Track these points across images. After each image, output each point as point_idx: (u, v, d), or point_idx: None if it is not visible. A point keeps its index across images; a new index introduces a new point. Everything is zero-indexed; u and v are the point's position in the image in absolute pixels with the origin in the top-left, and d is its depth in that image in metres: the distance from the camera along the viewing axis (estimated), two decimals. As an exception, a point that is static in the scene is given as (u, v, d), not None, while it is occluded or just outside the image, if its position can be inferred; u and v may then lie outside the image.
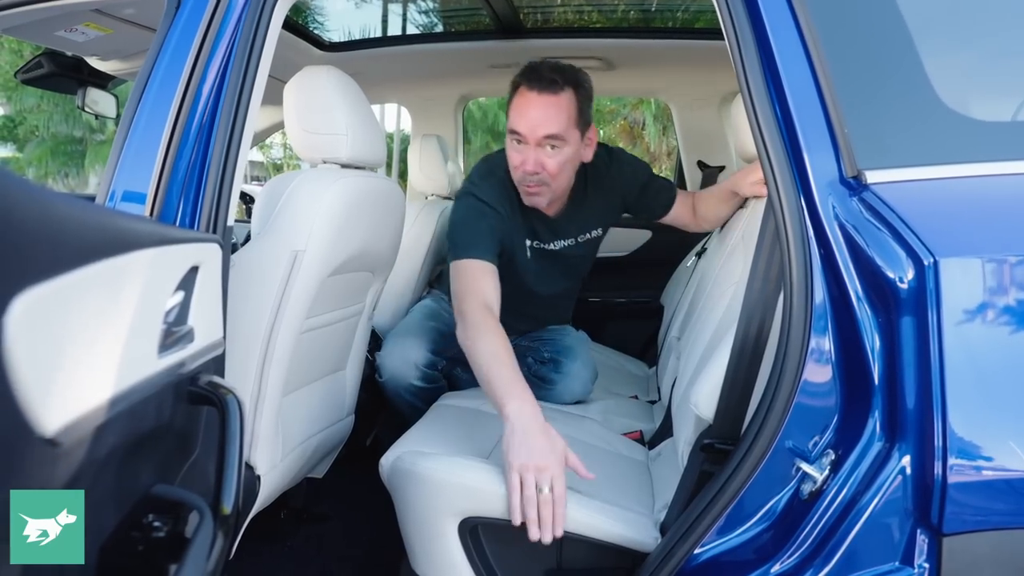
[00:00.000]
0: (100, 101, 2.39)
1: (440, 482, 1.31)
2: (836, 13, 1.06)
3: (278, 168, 19.69)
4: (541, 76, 1.64)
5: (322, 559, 1.83)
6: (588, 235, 1.98)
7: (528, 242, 1.90)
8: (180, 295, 0.67)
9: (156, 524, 0.62)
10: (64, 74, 2.25)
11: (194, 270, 0.75)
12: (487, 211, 1.75)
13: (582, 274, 2.14)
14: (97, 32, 1.78)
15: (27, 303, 0.39)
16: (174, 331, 0.66)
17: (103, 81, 2.38)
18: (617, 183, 1.97)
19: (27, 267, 0.40)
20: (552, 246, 1.94)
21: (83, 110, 2.33)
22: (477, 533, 1.31)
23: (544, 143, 1.65)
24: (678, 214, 2.10)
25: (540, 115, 1.64)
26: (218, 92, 1.18)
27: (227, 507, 0.69)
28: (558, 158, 1.68)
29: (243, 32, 1.20)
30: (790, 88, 1.03)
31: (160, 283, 0.61)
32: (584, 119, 1.71)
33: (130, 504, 0.63)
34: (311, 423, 1.65)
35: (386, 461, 1.43)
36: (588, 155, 1.78)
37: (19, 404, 0.40)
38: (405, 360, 1.92)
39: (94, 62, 2.18)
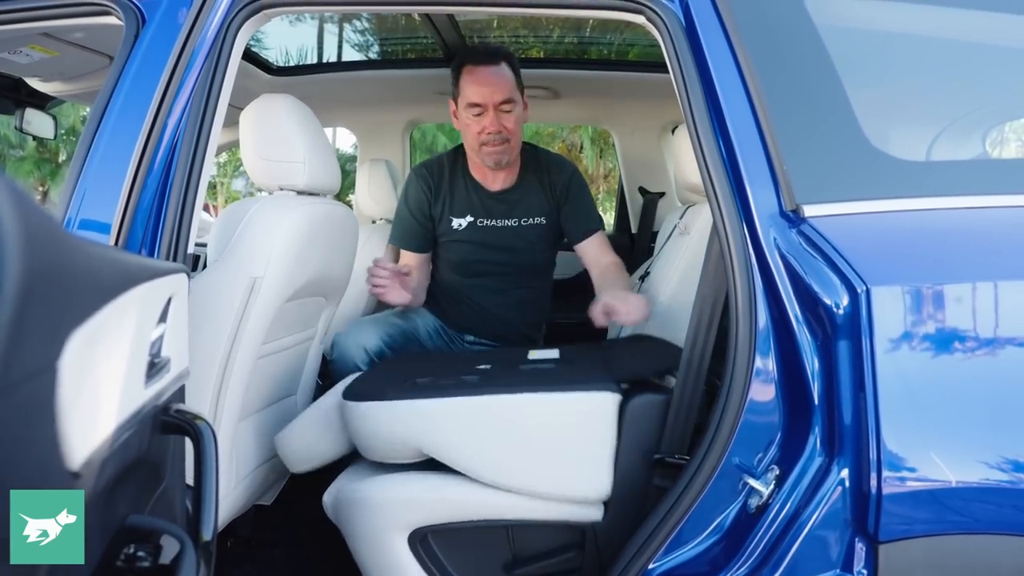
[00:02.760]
0: (37, 122, 2.33)
1: (382, 500, 1.33)
2: (773, 58, 1.15)
3: (210, 186, 19.20)
4: (480, 53, 2.00)
5: None
6: (531, 220, 2.15)
7: (470, 217, 2.13)
8: (163, 326, 0.68)
9: (140, 555, 0.62)
10: (0, 94, 2.19)
11: (168, 301, 0.76)
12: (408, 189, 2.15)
13: (529, 269, 2.20)
14: (42, 54, 1.75)
15: (74, 344, 0.41)
16: (156, 362, 0.67)
17: (41, 102, 2.32)
18: (545, 170, 2.18)
19: (75, 310, 0.41)
20: (495, 222, 2.13)
21: (20, 131, 2.27)
22: (428, 542, 1.33)
23: (500, 107, 1.94)
24: (587, 250, 2.16)
25: (494, 85, 1.94)
26: (184, 121, 1.19)
27: (207, 535, 0.70)
28: (513, 116, 1.98)
29: (208, 60, 1.21)
30: (733, 128, 1.11)
31: (149, 316, 0.63)
32: (520, 84, 2.02)
33: (111, 535, 0.64)
34: (263, 449, 1.63)
35: (328, 497, 1.44)
36: (527, 116, 2.10)
37: (58, 440, 0.41)
38: (357, 342, 1.94)
39: (34, 83, 2.13)
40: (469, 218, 2.14)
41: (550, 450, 1.29)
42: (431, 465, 1.39)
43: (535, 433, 1.29)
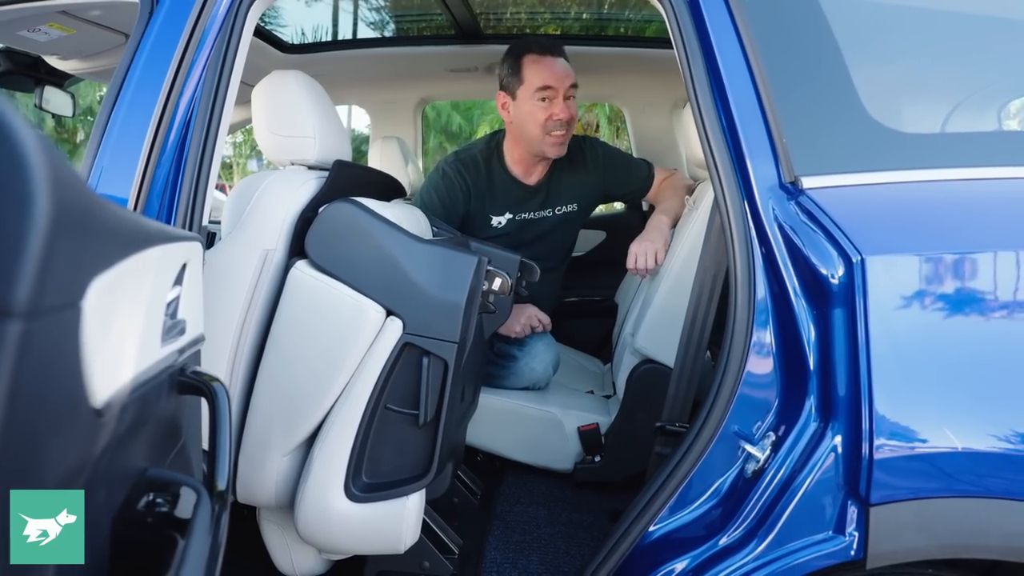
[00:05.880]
0: (56, 100, 2.37)
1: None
2: (775, 32, 1.16)
3: (226, 166, 19.33)
4: (543, 43, 2.03)
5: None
6: (565, 208, 2.22)
7: (508, 214, 2.17)
8: (178, 289, 0.72)
9: (159, 501, 0.67)
10: (20, 72, 2.23)
11: (183, 267, 0.80)
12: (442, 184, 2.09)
13: (561, 253, 2.28)
14: (60, 32, 1.78)
15: (98, 287, 0.45)
16: (172, 322, 0.71)
17: (60, 80, 2.36)
18: (592, 165, 2.23)
19: (98, 256, 0.45)
20: (532, 215, 2.19)
21: (40, 109, 2.31)
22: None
23: (569, 92, 1.99)
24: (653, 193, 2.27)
25: (564, 69, 1.99)
26: (196, 98, 1.22)
27: (221, 485, 0.74)
28: (574, 104, 2.04)
29: (219, 38, 1.24)
30: (734, 100, 1.13)
31: (165, 277, 0.66)
32: None
33: (131, 483, 0.68)
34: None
35: None
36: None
37: (83, 376, 0.45)
38: None
39: (53, 61, 2.17)
40: (508, 215, 2.18)
41: None
42: None
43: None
